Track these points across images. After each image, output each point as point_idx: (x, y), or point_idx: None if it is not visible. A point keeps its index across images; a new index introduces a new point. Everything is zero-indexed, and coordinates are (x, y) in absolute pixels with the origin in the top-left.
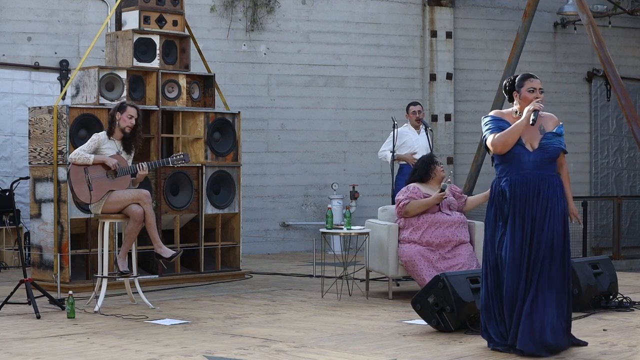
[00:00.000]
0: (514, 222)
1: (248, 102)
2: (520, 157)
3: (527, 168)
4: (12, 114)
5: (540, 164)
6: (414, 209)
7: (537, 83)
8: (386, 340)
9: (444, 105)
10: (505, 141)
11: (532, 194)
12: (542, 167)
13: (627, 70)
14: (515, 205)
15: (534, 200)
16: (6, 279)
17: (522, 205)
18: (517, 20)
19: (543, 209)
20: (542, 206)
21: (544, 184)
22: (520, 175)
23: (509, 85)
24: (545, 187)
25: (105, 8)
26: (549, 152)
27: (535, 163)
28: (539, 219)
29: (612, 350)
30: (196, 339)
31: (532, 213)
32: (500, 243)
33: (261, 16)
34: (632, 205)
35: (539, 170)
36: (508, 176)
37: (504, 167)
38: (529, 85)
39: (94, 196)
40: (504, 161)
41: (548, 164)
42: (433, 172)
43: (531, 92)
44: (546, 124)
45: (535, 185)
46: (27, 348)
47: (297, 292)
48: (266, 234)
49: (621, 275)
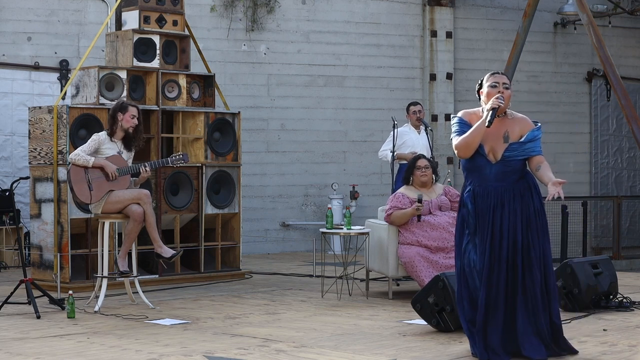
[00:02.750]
0: (483, 233)
1: (248, 102)
2: (482, 169)
3: (489, 180)
4: (12, 114)
5: (501, 176)
6: (398, 219)
7: (501, 78)
8: (386, 340)
9: (444, 105)
10: (466, 144)
11: (496, 205)
12: (504, 179)
13: (627, 70)
14: (479, 217)
15: (498, 212)
16: (6, 279)
17: (488, 217)
18: (517, 20)
19: (512, 221)
20: (508, 218)
21: (507, 195)
22: (482, 187)
23: (478, 85)
24: (510, 198)
25: (105, 8)
26: (510, 165)
27: (496, 175)
28: (510, 230)
29: (612, 350)
30: (196, 339)
31: (499, 225)
32: (466, 251)
33: (261, 16)
34: (632, 205)
35: (501, 182)
36: (471, 186)
37: (469, 175)
38: (491, 80)
39: (94, 196)
40: (469, 170)
41: (510, 175)
42: (413, 176)
43: (493, 87)
44: (512, 129)
45: (499, 198)
46: (27, 348)
47: (297, 292)
48: (266, 234)
49: (621, 275)
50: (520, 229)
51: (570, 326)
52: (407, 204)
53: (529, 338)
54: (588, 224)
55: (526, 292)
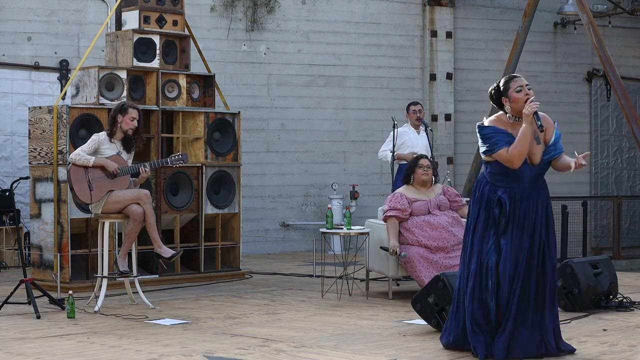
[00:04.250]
0: (512, 235)
1: (248, 102)
2: (522, 173)
3: (526, 182)
4: (12, 114)
5: (536, 178)
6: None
7: (523, 81)
8: (386, 340)
9: (444, 105)
10: (521, 153)
11: (532, 208)
12: (537, 180)
13: (627, 70)
14: (514, 218)
15: (533, 214)
16: (6, 279)
17: (522, 220)
18: (517, 20)
19: (542, 222)
20: (539, 220)
21: (541, 198)
22: (520, 189)
23: (495, 92)
24: (542, 200)
25: (105, 8)
26: (544, 167)
27: (532, 178)
28: (541, 232)
29: (612, 350)
30: (196, 339)
31: (531, 228)
32: (489, 252)
33: (261, 16)
34: (632, 205)
35: (535, 184)
36: (507, 188)
37: (502, 178)
38: (514, 85)
39: (95, 196)
40: (503, 174)
41: (542, 176)
42: (414, 175)
43: (519, 91)
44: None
45: (534, 200)
46: (27, 348)
47: (297, 292)
48: (266, 234)
49: (621, 275)
50: (545, 229)
51: (570, 326)
52: (406, 204)
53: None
54: (588, 224)
55: (546, 291)
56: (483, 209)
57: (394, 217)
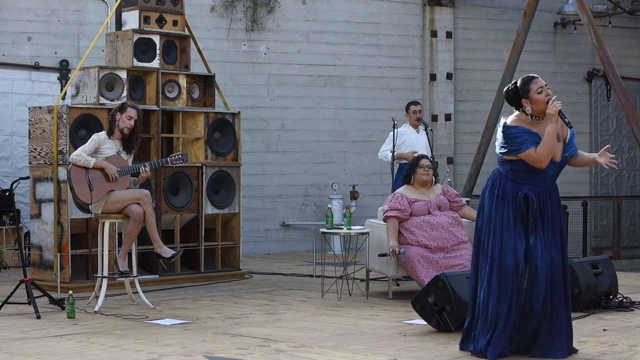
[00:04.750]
0: (544, 232)
1: (248, 102)
2: (546, 171)
3: (548, 180)
4: (12, 114)
5: (555, 175)
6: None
7: (541, 81)
8: (386, 340)
9: (444, 105)
10: (549, 153)
11: (556, 205)
12: (555, 177)
13: (627, 70)
14: (543, 216)
15: (557, 211)
16: (6, 279)
17: (549, 218)
18: (517, 20)
19: (562, 220)
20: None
21: (558, 195)
22: (543, 187)
23: (512, 93)
24: (558, 197)
25: (105, 8)
26: (563, 165)
27: (553, 175)
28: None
29: (612, 350)
30: (196, 339)
31: (558, 224)
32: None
33: (261, 16)
34: (632, 205)
35: (554, 182)
36: (531, 185)
37: (527, 175)
38: (535, 86)
39: (95, 196)
40: (527, 171)
41: (559, 174)
42: (414, 175)
43: (540, 92)
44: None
45: (557, 197)
46: (27, 348)
47: (297, 292)
48: (266, 234)
49: (621, 275)
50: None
51: None
52: (406, 204)
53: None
54: (588, 224)
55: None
56: (508, 206)
57: (394, 217)
